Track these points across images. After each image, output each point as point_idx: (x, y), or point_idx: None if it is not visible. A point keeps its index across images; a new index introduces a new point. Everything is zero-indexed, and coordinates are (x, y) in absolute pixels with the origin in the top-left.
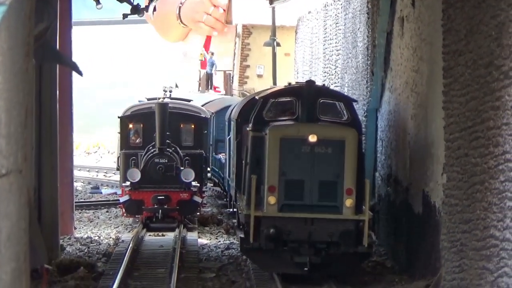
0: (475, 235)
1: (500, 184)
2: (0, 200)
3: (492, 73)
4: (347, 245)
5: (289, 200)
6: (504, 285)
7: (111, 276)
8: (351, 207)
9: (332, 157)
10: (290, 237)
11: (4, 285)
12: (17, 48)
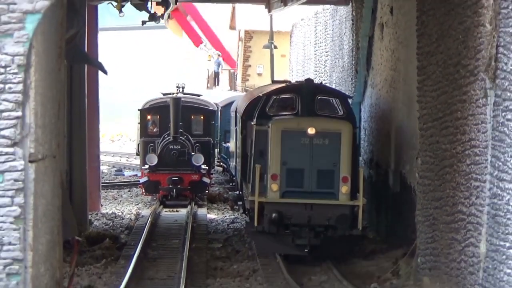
0: (445, 211)
1: (466, 167)
2: (37, 181)
3: (459, 71)
4: (343, 228)
5: (290, 187)
6: (470, 253)
7: (133, 246)
8: (347, 194)
9: (329, 148)
10: (291, 221)
11: (41, 255)
12: (51, 50)
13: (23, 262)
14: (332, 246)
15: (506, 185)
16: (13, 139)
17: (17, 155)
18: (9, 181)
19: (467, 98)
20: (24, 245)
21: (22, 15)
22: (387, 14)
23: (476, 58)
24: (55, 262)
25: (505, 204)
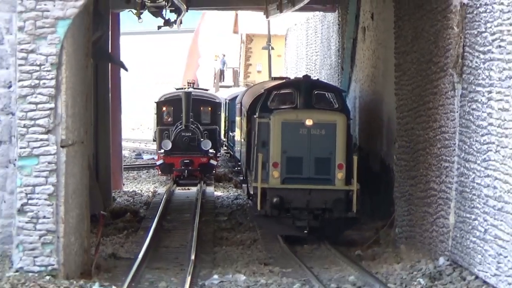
0: (419, 188)
1: (437, 150)
2: (67, 163)
3: (431, 68)
4: (339, 211)
5: (290, 174)
6: (440, 224)
7: (150, 219)
8: (342, 179)
9: (325, 137)
10: (291, 205)
11: (71, 227)
12: (79, 51)
13: (56, 233)
14: (329, 228)
15: (471, 165)
16: (47, 127)
17: (51, 141)
18: (43, 164)
19: (437, 91)
20: (57, 218)
21: (55, 20)
22: (368, 19)
23: (446, 56)
24: (84, 233)
25: (471, 181)
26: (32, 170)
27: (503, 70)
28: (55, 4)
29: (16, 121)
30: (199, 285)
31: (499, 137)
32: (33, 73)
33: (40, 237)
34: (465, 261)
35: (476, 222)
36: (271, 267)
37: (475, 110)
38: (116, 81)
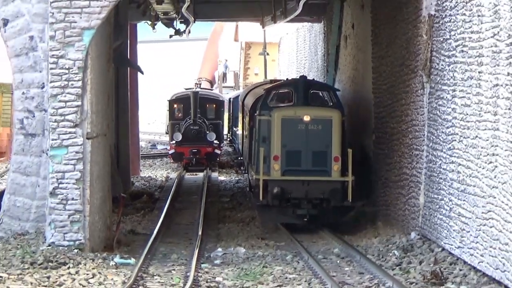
0: (393, 173)
1: (409, 140)
2: (92, 153)
3: (403, 70)
4: (335, 200)
5: (290, 166)
6: (412, 204)
7: (164, 200)
8: (338, 171)
9: (322, 132)
10: (291, 195)
11: (96, 207)
12: (102, 56)
13: (83, 213)
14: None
15: (438, 153)
16: (75, 122)
17: (78, 134)
18: (71, 153)
19: (409, 89)
20: (83, 200)
21: (81, 30)
22: (349, 29)
23: (416, 60)
24: (106, 212)
25: (438, 167)
26: (62, 159)
27: (465, 71)
28: (81, 17)
29: (48, 117)
30: (205, 256)
31: (462, 129)
32: (62, 75)
33: (69, 216)
34: (433, 236)
35: (442, 202)
36: (267, 241)
37: (441, 106)
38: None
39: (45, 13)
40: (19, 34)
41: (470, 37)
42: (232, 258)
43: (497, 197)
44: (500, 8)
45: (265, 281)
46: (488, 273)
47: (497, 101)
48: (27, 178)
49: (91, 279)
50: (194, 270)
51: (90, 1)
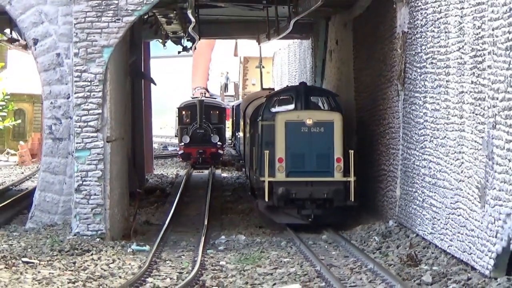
0: (373, 169)
1: (386, 140)
2: (112, 154)
3: (381, 80)
4: (338, 200)
5: (294, 168)
6: (390, 196)
7: (174, 195)
8: (340, 172)
9: (324, 134)
10: (296, 196)
11: (115, 201)
12: (120, 70)
13: (103, 206)
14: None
15: (412, 151)
16: (96, 127)
17: (99, 137)
18: (94, 154)
19: (386, 96)
20: (104, 195)
21: (101, 48)
22: (334, 44)
23: (392, 71)
24: (124, 205)
25: (412, 164)
26: (86, 160)
27: (435, 80)
28: (101, 36)
29: (73, 123)
30: (211, 243)
31: (432, 130)
32: (85, 87)
33: (92, 209)
34: (408, 223)
35: (416, 194)
36: (264, 229)
37: (414, 111)
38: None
39: (70, 33)
40: (48, 52)
41: (439, 51)
42: (233, 244)
43: (463, 189)
44: (464, 25)
45: (262, 264)
46: (457, 256)
47: (462, 106)
48: (55, 176)
49: (111, 264)
50: (201, 255)
51: (109, 23)
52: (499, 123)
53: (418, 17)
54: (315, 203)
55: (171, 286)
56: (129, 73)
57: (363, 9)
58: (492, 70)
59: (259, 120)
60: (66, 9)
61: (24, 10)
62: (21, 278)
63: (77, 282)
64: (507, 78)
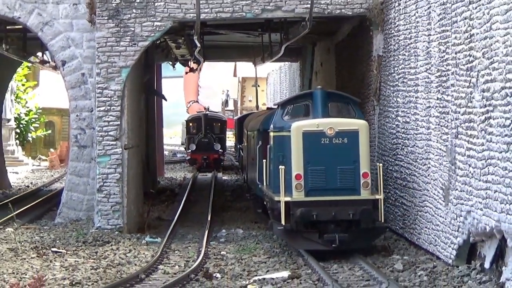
0: None
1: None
2: (129, 160)
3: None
4: (366, 222)
5: (314, 185)
6: None
7: (182, 195)
8: (368, 189)
9: (348, 146)
10: (317, 218)
11: (131, 200)
12: (135, 88)
13: (121, 204)
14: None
15: (386, 158)
16: (115, 137)
17: (118, 145)
18: (113, 160)
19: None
20: (122, 194)
21: (119, 68)
22: (319, 66)
23: (369, 89)
24: (139, 204)
25: (385, 169)
26: (106, 164)
27: (405, 97)
28: (120, 58)
29: (95, 133)
30: (213, 236)
31: (403, 139)
32: (106, 102)
33: (111, 207)
34: None
35: (389, 194)
36: (259, 224)
37: (388, 123)
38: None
39: (93, 56)
40: (74, 72)
41: (409, 71)
42: (233, 237)
43: (430, 190)
44: (431, 49)
45: (257, 254)
46: (424, 247)
47: (429, 118)
48: (80, 178)
49: (128, 253)
50: (204, 246)
51: (126, 47)
52: (461, 134)
53: (391, 42)
54: (339, 225)
55: (179, 273)
56: (143, 90)
57: (344, 36)
58: (454, 88)
59: (271, 131)
60: (90, 35)
61: (53, 36)
62: (50, 265)
63: (99, 269)
64: (467, 95)
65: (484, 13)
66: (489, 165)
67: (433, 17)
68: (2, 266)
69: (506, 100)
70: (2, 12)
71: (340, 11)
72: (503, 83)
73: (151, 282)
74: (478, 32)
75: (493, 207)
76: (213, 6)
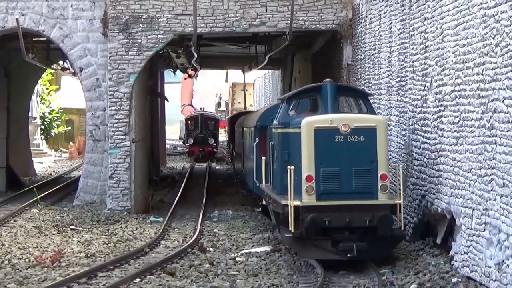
0: None
1: None
2: (136, 151)
3: None
4: (384, 229)
5: (326, 188)
6: None
7: (181, 181)
8: (386, 192)
9: (365, 144)
10: (330, 225)
11: (138, 186)
12: (142, 91)
13: (129, 189)
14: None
15: None
16: (125, 132)
17: (127, 139)
18: (123, 151)
19: None
20: (130, 181)
21: (128, 74)
22: (297, 73)
23: None
24: (145, 189)
25: None
26: (117, 155)
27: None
28: (128, 65)
29: (108, 129)
30: (207, 216)
31: None
32: (117, 102)
33: (121, 191)
34: None
35: None
36: (246, 207)
37: None
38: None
39: (106, 63)
40: (90, 77)
41: (373, 77)
42: (224, 217)
43: (391, 178)
44: (392, 59)
45: (244, 231)
46: None
47: (390, 117)
48: (94, 167)
49: (135, 230)
50: (200, 224)
51: (134, 56)
52: (417, 130)
53: (358, 53)
54: (354, 233)
55: (178, 247)
56: (149, 93)
57: (319, 47)
58: (412, 91)
59: (275, 127)
60: (103, 46)
61: (72, 47)
62: (69, 240)
63: (110, 243)
64: (423, 97)
65: (437, 27)
66: (441, 156)
67: (393, 31)
68: (28, 241)
69: (455, 101)
70: (29, 26)
71: (315, 26)
72: (452, 87)
73: (154, 255)
74: (432, 44)
75: (444, 191)
76: (207, 22)
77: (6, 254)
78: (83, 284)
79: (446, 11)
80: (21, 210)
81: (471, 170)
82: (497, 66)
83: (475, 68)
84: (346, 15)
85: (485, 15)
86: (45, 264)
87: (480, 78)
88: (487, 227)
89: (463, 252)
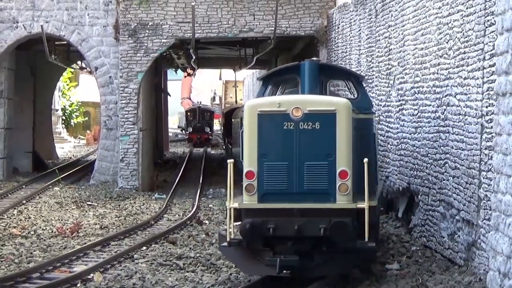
0: None
1: None
2: (143, 139)
3: None
4: (343, 240)
5: (271, 187)
6: None
7: (182, 164)
8: (347, 194)
9: (321, 133)
10: (275, 233)
11: (145, 167)
12: (148, 87)
13: (138, 171)
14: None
15: None
16: (133, 122)
17: (135, 128)
18: (132, 138)
19: None
20: (138, 164)
21: (136, 73)
22: None
23: None
24: (151, 170)
25: None
26: (127, 142)
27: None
28: (136, 65)
29: (119, 119)
30: (203, 194)
31: None
32: (127, 97)
33: (130, 172)
34: None
35: None
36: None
37: None
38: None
39: (117, 63)
40: (104, 75)
41: None
42: (217, 194)
43: None
44: (361, 60)
45: None
46: None
47: None
48: (107, 152)
49: (142, 206)
50: (197, 201)
51: (141, 57)
52: (382, 121)
53: (332, 55)
54: (303, 244)
55: (179, 220)
56: (154, 88)
57: (299, 50)
58: (378, 88)
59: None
60: (115, 48)
61: (89, 49)
62: (86, 214)
63: (121, 217)
64: (387, 93)
65: (399, 33)
66: (402, 143)
67: (362, 36)
68: (51, 215)
69: (414, 96)
70: (52, 32)
71: (296, 32)
72: (412, 84)
73: (158, 227)
74: (395, 47)
75: (405, 173)
76: (204, 28)
77: (32, 226)
78: (98, 252)
79: (407, 20)
80: (45, 188)
81: (427, 155)
82: (450, 67)
83: (431, 68)
84: (322, 23)
85: (440, 23)
86: (66, 234)
87: (435, 76)
88: (441, 203)
89: (421, 224)
